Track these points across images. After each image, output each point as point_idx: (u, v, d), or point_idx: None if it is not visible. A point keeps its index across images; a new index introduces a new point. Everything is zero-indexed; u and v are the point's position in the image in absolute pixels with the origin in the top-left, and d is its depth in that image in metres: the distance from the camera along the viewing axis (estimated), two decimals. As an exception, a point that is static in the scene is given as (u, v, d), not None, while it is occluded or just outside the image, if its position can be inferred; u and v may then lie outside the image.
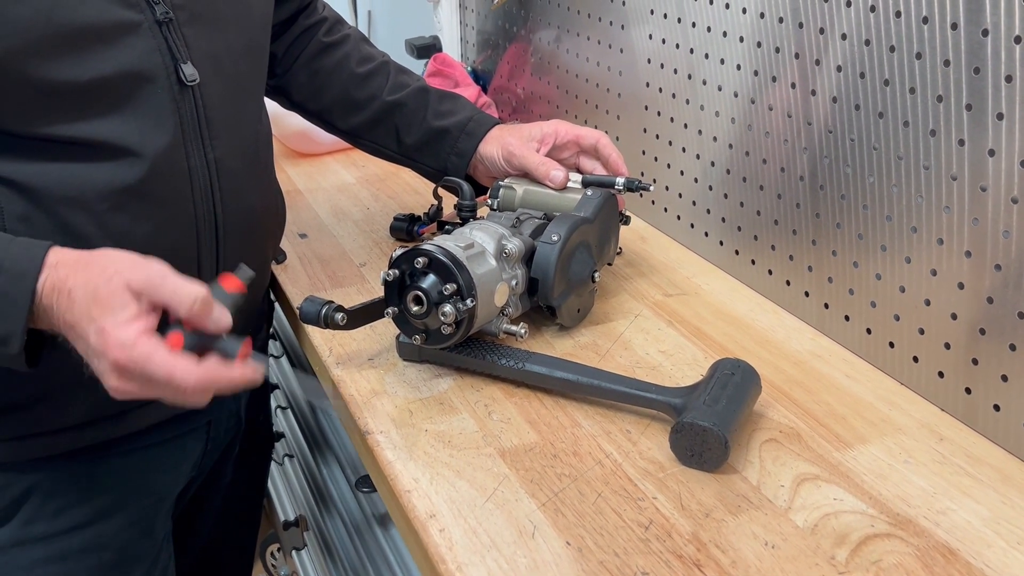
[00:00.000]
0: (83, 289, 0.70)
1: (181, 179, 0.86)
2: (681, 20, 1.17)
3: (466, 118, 1.12)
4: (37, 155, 0.79)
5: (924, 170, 0.87)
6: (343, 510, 1.27)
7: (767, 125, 1.06)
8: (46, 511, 0.91)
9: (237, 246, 0.92)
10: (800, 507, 0.76)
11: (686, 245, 1.24)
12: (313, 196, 1.41)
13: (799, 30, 0.99)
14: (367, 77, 1.15)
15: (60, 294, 0.71)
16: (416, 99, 1.13)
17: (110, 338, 0.69)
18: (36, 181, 0.79)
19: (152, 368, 0.68)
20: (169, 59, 0.83)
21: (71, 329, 0.72)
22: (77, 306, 0.70)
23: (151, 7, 0.82)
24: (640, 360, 0.97)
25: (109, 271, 0.71)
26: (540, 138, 1.08)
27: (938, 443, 0.85)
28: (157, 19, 0.82)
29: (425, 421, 0.87)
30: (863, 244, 0.96)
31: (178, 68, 0.84)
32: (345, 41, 1.17)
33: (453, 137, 1.11)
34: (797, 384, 0.93)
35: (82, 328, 0.70)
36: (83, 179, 0.80)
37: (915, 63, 0.86)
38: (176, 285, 0.71)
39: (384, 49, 1.21)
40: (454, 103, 1.14)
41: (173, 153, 0.84)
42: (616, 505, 0.76)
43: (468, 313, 0.87)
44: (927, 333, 0.90)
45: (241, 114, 0.93)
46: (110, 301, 0.70)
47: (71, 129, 0.79)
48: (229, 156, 0.89)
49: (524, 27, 1.56)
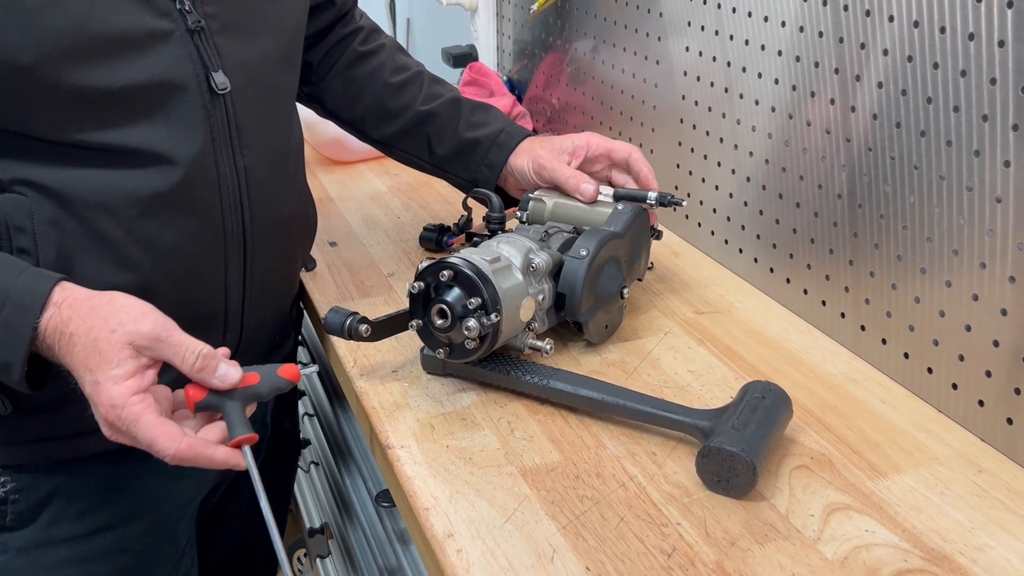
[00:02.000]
0: (84, 336, 0.71)
1: (210, 187, 0.86)
2: (719, 32, 1.15)
3: (498, 129, 1.11)
4: (68, 161, 0.80)
5: (967, 191, 0.84)
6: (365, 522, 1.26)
7: (805, 141, 1.03)
8: (70, 513, 0.91)
9: (265, 254, 0.92)
10: (830, 538, 0.73)
11: (719, 261, 1.21)
12: (345, 204, 1.41)
13: (839, 45, 0.96)
14: (401, 87, 1.14)
15: (62, 336, 0.72)
16: (448, 110, 1.13)
17: (102, 394, 0.70)
18: (66, 186, 0.80)
19: (137, 432, 0.70)
20: (200, 67, 0.83)
21: (71, 370, 0.73)
22: (76, 352, 0.71)
23: (183, 16, 0.82)
24: (669, 379, 0.95)
25: (112, 322, 0.71)
26: (571, 151, 1.06)
27: (977, 475, 0.82)
28: (189, 28, 0.82)
29: (447, 437, 0.85)
30: (902, 266, 0.93)
31: (209, 76, 0.84)
32: (380, 51, 1.17)
33: (484, 148, 1.10)
34: (830, 409, 0.90)
35: (78, 374, 0.72)
36: (113, 185, 0.81)
37: (959, 81, 0.83)
38: (179, 341, 0.72)
39: (421, 58, 1.21)
40: (486, 114, 1.13)
41: (203, 161, 0.84)
42: (639, 530, 0.74)
43: (492, 328, 0.86)
44: (967, 359, 0.87)
45: (272, 122, 0.93)
46: (108, 355, 0.70)
47: (102, 136, 0.79)
48: (259, 165, 0.89)
49: (561, 37, 1.55)
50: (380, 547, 1.19)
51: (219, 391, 0.73)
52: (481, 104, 1.15)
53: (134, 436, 0.70)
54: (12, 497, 0.89)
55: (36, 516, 0.90)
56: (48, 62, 0.75)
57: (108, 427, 0.72)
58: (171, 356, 0.72)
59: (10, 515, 0.89)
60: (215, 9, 0.85)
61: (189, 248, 0.85)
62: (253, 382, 0.74)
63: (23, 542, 0.90)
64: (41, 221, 0.80)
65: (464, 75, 1.75)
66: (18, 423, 0.86)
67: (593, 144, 1.07)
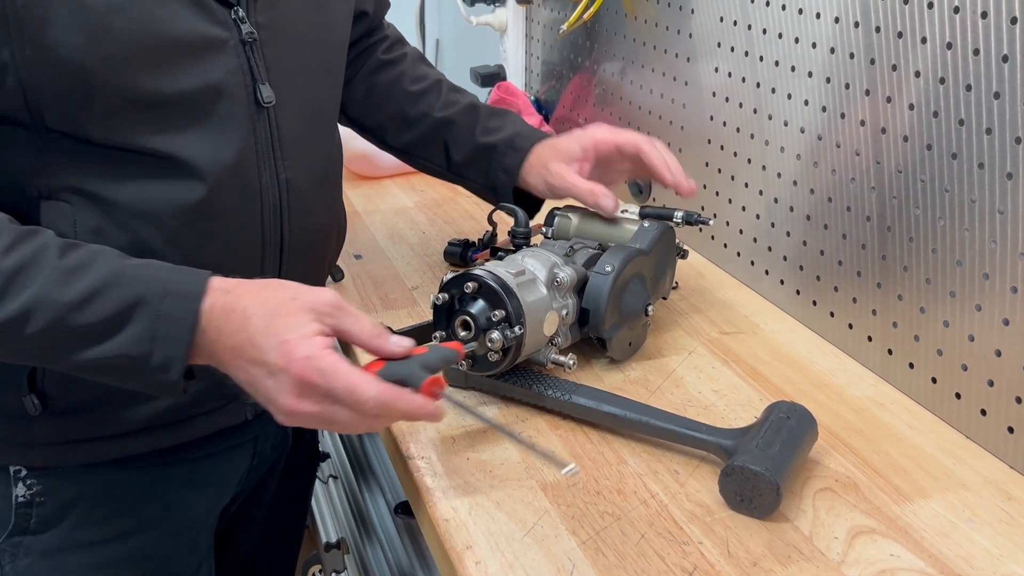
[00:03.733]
0: (261, 308, 0.71)
1: (252, 198, 0.85)
2: (748, 54, 1.14)
3: (513, 134, 1.09)
4: (115, 168, 0.79)
5: (999, 215, 0.83)
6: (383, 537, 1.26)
7: (834, 162, 1.03)
8: (93, 518, 0.91)
9: (298, 264, 0.92)
10: (854, 561, 0.72)
11: (745, 283, 1.21)
12: (371, 218, 1.42)
13: (871, 66, 0.96)
14: (420, 95, 1.14)
15: (232, 314, 0.71)
16: (466, 116, 1.12)
17: (295, 350, 0.69)
18: (112, 194, 0.79)
19: (336, 381, 0.68)
20: (249, 79, 0.83)
21: (237, 353, 0.71)
22: (254, 323, 0.70)
23: (238, 26, 0.82)
24: (692, 398, 0.94)
25: (290, 292, 0.72)
26: (580, 156, 1.04)
27: (1005, 502, 0.80)
28: (242, 38, 0.83)
29: (468, 449, 0.85)
30: (931, 289, 0.92)
31: (256, 88, 0.84)
32: (402, 60, 1.17)
33: (500, 153, 1.09)
34: (856, 432, 0.89)
35: (258, 345, 0.70)
36: (157, 194, 0.80)
37: (993, 103, 0.82)
38: (355, 311, 0.73)
39: (450, 77, 1.21)
40: (503, 119, 1.12)
41: (245, 172, 0.84)
42: (660, 548, 0.73)
43: (516, 341, 0.85)
44: (997, 385, 0.86)
45: (315, 135, 0.93)
46: (293, 318, 0.70)
47: (150, 141, 0.79)
48: (300, 177, 0.89)
49: (589, 58, 1.55)
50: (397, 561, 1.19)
51: (396, 358, 0.73)
52: (499, 109, 1.14)
53: (330, 388, 0.68)
54: (38, 500, 0.88)
55: (61, 519, 0.90)
56: (110, 65, 0.76)
57: (297, 392, 0.69)
58: (350, 324, 0.72)
59: (35, 518, 0.89)
60: (266, 20, 0.85)
61: (228, 258, 0.84)
62: (423, 351, 0.75)
63: (46, 546, 0.90)
64: (84, 230, 0.79)
65: (492, 95, 1.76)
66: (48, 424, 0.85)
67: (600, 141, 1.04)
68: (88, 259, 0.73)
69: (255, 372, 0.71)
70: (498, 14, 1.82)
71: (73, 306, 0.71)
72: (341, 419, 0.71)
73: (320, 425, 0.73)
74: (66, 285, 0.71)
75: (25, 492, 0.88)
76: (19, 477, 0.87)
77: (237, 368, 0.72)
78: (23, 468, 0.87)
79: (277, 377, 0.70)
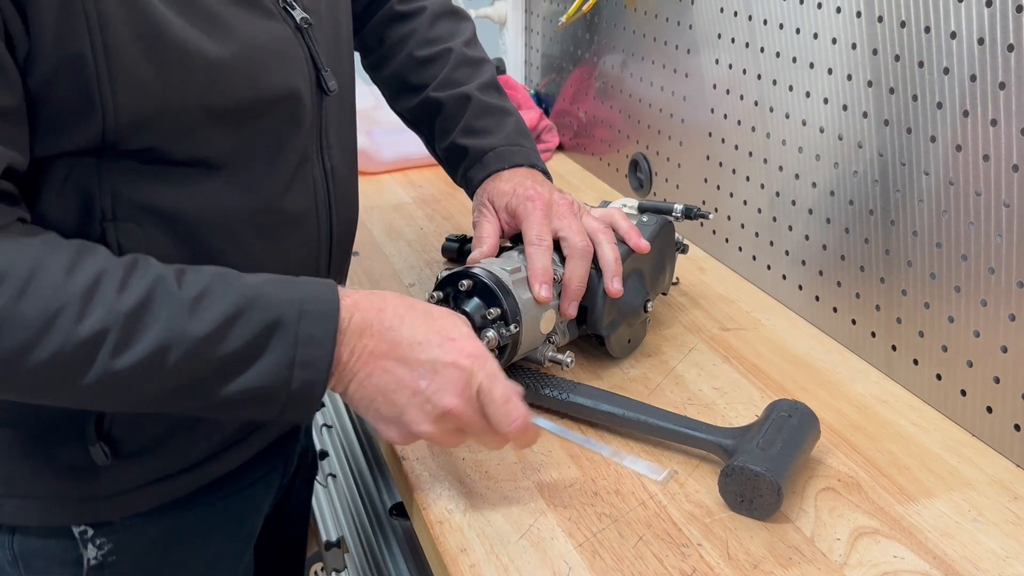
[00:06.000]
0: (409, 311, 0.69)
1: (309, 192, 0.80)
2: (750, 45, 1.13)
3: (491, 146, 1.00)
4: (178, 179, 0.72)
5: (1005, 207, 0.82)
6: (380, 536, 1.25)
7: (836, 155, 1.01)
8: (167, 564, 0.84)
9: (339, 256, 0.87)
10: (857, 563, 0.71)
11: (747, 278, 1.19)
12: (368, 214, 1.40)
13: (874, 57, 0.94)
14: (424, 63, 1.06)
15: (382, 312, 0.69)
16: (455, 105, 1.03)
17: (464, 346, 0.68)
18: (175, 207, 0.72)
19: (496, 387, 0.68)
20: (312, 68, 0.78)
21: (386, 354, 0.68)
22: (410, 320, 0.69)
23: (288, 13, 0.76)
24: (692, 396, 0.92)
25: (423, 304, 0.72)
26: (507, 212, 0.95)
27: (1011, 501, 0.79)
28: (298, 25, 0.76)
29: (463, 449, 0.83)
30: (936, 284, 0.90)
31: (321, 78, 0.78)
32: (418, 14, 1.08)
33: (470, 160, 1.02)
34: (859, 430, 0.88)
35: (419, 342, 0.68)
36: (223, 200, 0.74)
37: (999, 93, 0.81)
38: None
39: None
40: (496, 121, 1.03)
41: (306, 167, 0.79)
42: (658, 550, 0.72)
43: (511, 339, 0.84)
44: (1003, 382, 0.84)
45: (345, 119, 0.88)
46: (452, 320, 0.69)
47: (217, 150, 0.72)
48: (341, 164, 0.84)
49: (590, 51, 1.54)
50: (395, 562, 1.17)
51: None
52: (497, 108, 1.04)
53: (491, 391, 0.67)
54: (110, 560, 0.80)
55: (135, 574, 0.83)
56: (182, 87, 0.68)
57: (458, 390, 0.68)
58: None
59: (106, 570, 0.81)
60: (310, 2, 0.79)
61: (293, 257, 0.79)
62: None
63: None
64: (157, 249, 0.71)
65: (492, 88, 1.75)
66: (118, 472, 0.77)
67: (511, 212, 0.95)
68: (209, 285, 0.66)
69: (408, 372, 0.68)
70: (497, 6, 1.80)
71: (208, 338, 0.64)
72: (477, 430, 0.70)
73: (450, 438, 0.71)
74: (194, 316, 0.64)
75: (96, 553, 0.80)
76: (86, 538, 0.79)
77: (379, 372, 0.68)
78: (88, 528, 0.79)
79: (441, 375, 0.68)
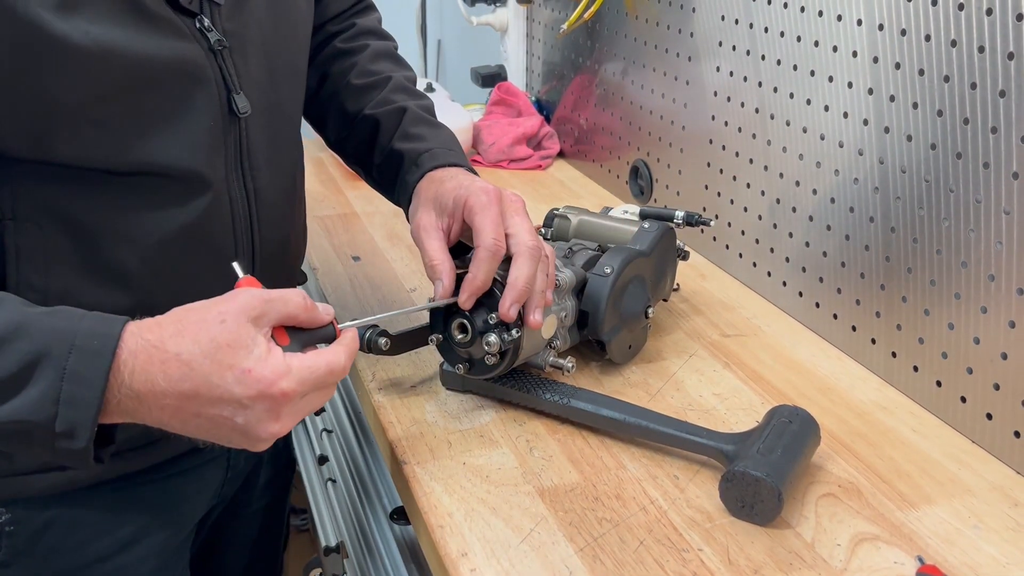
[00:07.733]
0: (195, 346, 0.64)
1: (224, 212, 0.82)
2: (750, 53, 1.13)
3: (426, 148, 0.97)
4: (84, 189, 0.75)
5: (1005, 215, 0.82)
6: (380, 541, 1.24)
7: (836, 162, 1.01)
8: (68, 544, 0.87)
9: (269, 275, 0.87)
10: (857, 569, 0.71)
11: (747, 284, 1.19)
12: (370, 219, 1.40)
13: (874, 64, 0.94)
14: (361, 91, 1.04)
15: (168, 364, 0.64)
16: (391, 118, 1.01)
17: (263, 375, 0.64)
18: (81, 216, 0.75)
19: (314, 375, 0.67)
20: (223, 89, 0.80)
21: (189, 400, 0.65)
22: (197, 365, 0.64)
23: (204, 36, 0.78)
24: (693, 402, 0.93)
25: (212, 314, 0.65)
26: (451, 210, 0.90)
27: (1012, 508, 0.79)
28: (211, 47, 0.79)
29: (464, 453, 0.84)
30: (936, 291, 0.90)
31: (231, 99, 0.80)
32: (359, 51, 1.07)
33: (407, 164, 0.98)
34: (859, 436, 0.88)
35: (215, 385, 0.64)
36: (130, 214, 0.77)
37: (999, 101, 0.81)
38: (281, 296, 0.68)
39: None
40: (430, 129, 1.00)
41: (218, 187, 0.81)
42: (659, 555, 0.72)
43: (513, 344, 0.84)
44: (1003, 389, 0.84)
45: (280, 141, 0.89)
46: (238, 342, 0.64)
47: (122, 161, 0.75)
48: (269, 187, 0.86)
49: (591, 58, 1.54)
50: (395, 567, 1.17)
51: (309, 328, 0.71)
52: (433, 122, 1.02)
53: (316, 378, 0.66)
54: (7, 530, 0.84)
55: (32, 549, 0.85)
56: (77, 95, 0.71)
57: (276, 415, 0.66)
58: (281, 308, 0.67)
59: (4, 549, 0.84)
60: (233, 26, 0.81)
61: (204, 276, 0.80)
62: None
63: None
64: (55, 252, 0.74)
65: (493, 95, 1.75)
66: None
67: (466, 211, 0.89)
68: None
69: (219, 413, 0.65)
70: (499, 14, 1.81)
71: None
72: (316, 404, 0.69)
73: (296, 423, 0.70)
74: None
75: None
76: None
77: (190, 416, 0.65)
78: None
79: (251, 408, 0.65)
